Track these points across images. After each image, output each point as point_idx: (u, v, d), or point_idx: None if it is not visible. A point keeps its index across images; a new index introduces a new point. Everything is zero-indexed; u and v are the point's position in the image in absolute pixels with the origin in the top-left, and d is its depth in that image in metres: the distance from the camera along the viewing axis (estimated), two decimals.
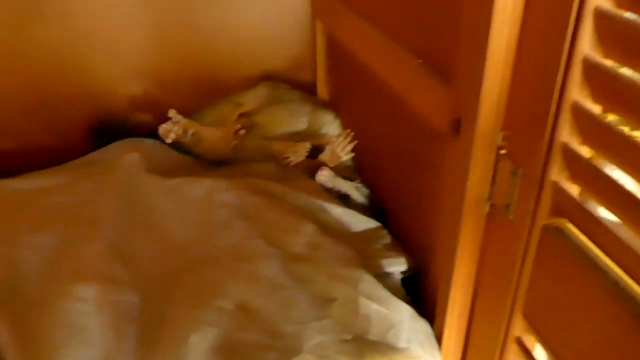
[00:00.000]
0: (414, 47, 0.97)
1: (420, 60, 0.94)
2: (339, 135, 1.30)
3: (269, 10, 1.49)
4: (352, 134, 1.27)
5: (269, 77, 1.56)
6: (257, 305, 0.89)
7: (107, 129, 1.40)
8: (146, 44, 1.45)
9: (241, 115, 1.37)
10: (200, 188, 1.13)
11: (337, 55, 1.46)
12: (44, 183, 1.27)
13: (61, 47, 1.39)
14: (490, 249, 0.83)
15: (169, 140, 1.25)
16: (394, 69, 1.01)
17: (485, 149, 0.76)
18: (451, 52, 0.82)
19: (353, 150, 1.29)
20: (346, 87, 1.45)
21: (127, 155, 1.24)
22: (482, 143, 0.75)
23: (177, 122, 1.27)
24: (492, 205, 0.80)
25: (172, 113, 1.27)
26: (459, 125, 0.79)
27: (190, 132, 1.30)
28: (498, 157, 0.76)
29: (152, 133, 1.33)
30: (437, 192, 0.93)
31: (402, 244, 1.12)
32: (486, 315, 0.87)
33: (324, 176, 1.19)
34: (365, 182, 1.29)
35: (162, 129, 1.24)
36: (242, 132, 1.30)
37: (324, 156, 1.31)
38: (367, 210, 1.23)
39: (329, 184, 1.22)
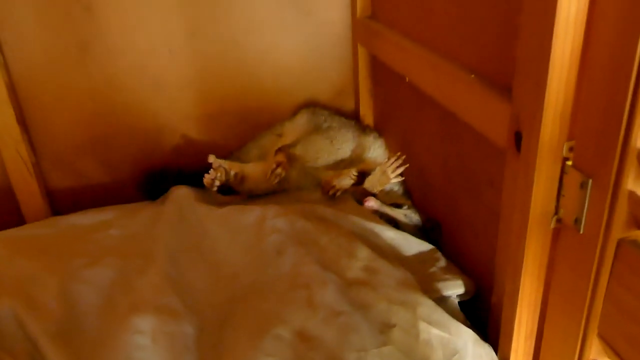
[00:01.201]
0: (466, 61, 0.94)
1: (473, 75, 0.91)
2: (389, 158, 1.26)
3: (310, 38, 1.49)
4: (404, 156, 1.24)
5: (311, 104, 1.55)
6: (316, 333, 0.85)
7: (156, 179, 1.39)
8: (191, 77, 1.46)
9: (279, 150, 1.35)
10: (250, 215, 1.12)
11: (381, 78, 1.44)
12: (98, 218, 1.28)
13: (110, 85, 1.42)
14: (559, 266, 0.78)
15: (214, 189, 1.23)
16: (445, 86, 0.98)
17: (550, 162, 0.72)
18: (508, 63, 0.78)
19: (402, 174, 1.25)
20: (391, 110, 1.42)
21: (177, 189, 1.24)
22: (546, 155, 0.71)
23: (219, 167, 1.26)
24: (559, 220, 0.75)
25: (211, 159, 1.26)
26: (520, 138, 0.75)
27: (233, 173, 1.28)
28: (564, 169, 0.72)
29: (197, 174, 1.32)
30: (497, 209, 0.89)
31: (458, 265, 1.07)
32: (557, 337, 0.81)
33: (372, 206, 1.16)
34: (416, 205, 1.25)
35: (207, 179, 1.23)
36: (279, 171, 1.27)
37: (372, 178, 1.28)
38: (420, 232, 1.18)
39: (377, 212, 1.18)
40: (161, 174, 1.38)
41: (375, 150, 1.43)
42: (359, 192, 1.29)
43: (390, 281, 0.94)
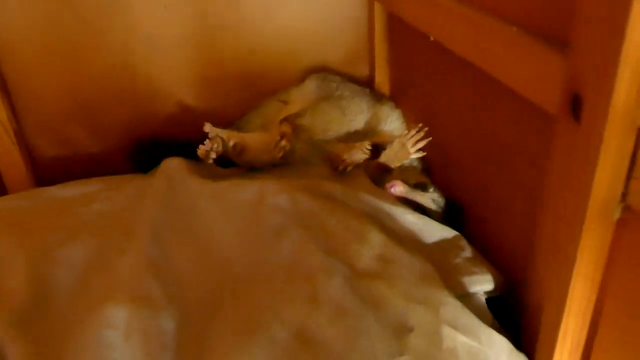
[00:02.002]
0: (505, 11, 0.77)
1: (515, 28, 0.74)
2: (410, 130, 1.09)
3: None
4: (426, 128, 1.07)
5: (321, 70, 1.38)
6: (318, 334, 0.70)
7: (146, 150, 1.23)
8: (188, 36, 1.30)
9: (284, 120, 1.18)
10: (248, 191, 0.96)
11: (399, 40, 1.27)
12: (82, 190, 1.14)
13: (98, 44, 1.26)
14: (621, 266, 0.62)
15: (210, 161, 1.08)
16: (479, 42, 0.81)
17: (621, 132, 0.55)
18: (562, 9, 0.62)
19: (423, 148, 1.08)
20: (411, 77, 1.25)
21: (169, 161, 1.09)
22: (618, 124, 0.54)
23: (215, 136, 1.10)
24: (626, 209, 0.59)
25: (207, 127, 1.10)
26: (580, 103, 0.59)
27: (231, 143, 1.12)
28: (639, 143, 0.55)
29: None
30: (538, 193, 0.73)
31: (487, 256, 0.92)
32: (611, 354, 0.66)
33: (399, 192, 1.00)
34: (437, 184, 1.09)
35: (201, 150, 1.07)
36: (284, 143, 1.11)
37: (389, 152, 1.11)
38: (442, 216, 1.02)
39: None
40: (152, 144, 1.23)
41: (392, 122, 1.27)
42: (372, 167, 1.13)
43: (408, 274, 0.78)
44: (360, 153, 1.12)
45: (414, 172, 1.12)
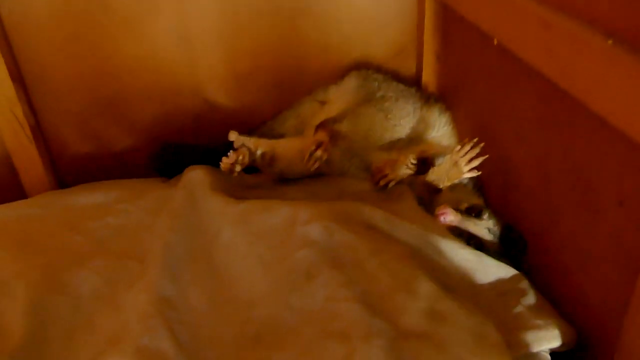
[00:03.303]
0: (599, 18, 0.61)
1: (611, 41, 0.58)
2: (462, 144, 0.94)
3: None
4: (482, 144, 0.91)
5: (362, 66, 1.22)
6: None
7: (170, 155, 1.11)
8: (218, 27, 1.16)
9: (321, 126, 1.04)
10: (276, 216, 0.83)
11: (453, 35, 1.10)
12: (98, 199, 1.04)
13: (120, 35, 1.14)
14: None
15: (235, 175, 0.95)
16: (561, 53, 0.65)
17: None
18: None
19: (478, 167, 0.93)
20: (464, 79, 1.08)
21: (191, 171, 0.97)
22: None
23: (240, 146, 0.97)
24: None
25: (233, 136, 0.98)
26: None
27: (259, 152, 0.99)
28: None
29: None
30: (627, 237, 0.58)
31: (552, 300, 0.77)
32: None
33: (451, 221, 0.85)
34: (493, 207, 0.93)
35: (224, 164, 0.95)
36: (319, 154, 0.96)
37: (439, 170, 0.96)
38: (498, 246, 0.87)
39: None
40: (176, 149, 1.11)
41: (441, 128, 1.11)
42: (419, 185, 0.98)
43: (463, 335, 0.64)
44: (404, 168, 0.98)
45: (466, 191, 0.96)
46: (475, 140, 0.92)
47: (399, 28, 1.20)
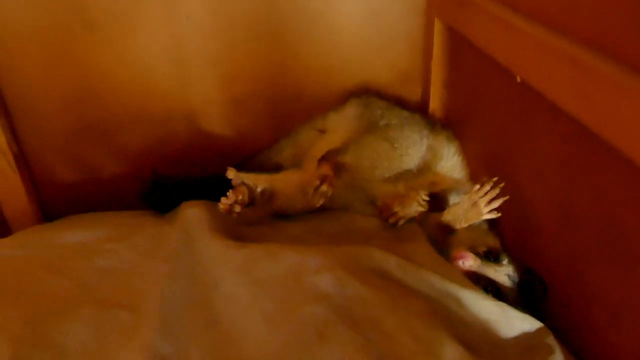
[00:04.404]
0: (633, 58, 0.55)
1: None
2: (482, 185, 0.88)
3: (371, 4, 1.09)
4: (502, 184, 0.86)
5: (363, 92, 1.16)
6: None
7: (161, 190, 1.04)
8: (214, 50, 1.09)
9: (324, 160, 0.97)
10: (281, 264, 0.76)
11: (463, 62, 1.04)
12: (86, 236, 0.96)
13: (111, 57, 1.07)
14: None
15: (235, 216, 0.89)
16: (590, 94, 0.59)
17: None
18: None
19: (498, 208, 0.87)
20: (474, 108, 1.03)
21: (187, 208, 0.90)
22: None
23: (239, 185, 0.91)
24: None
25: (231, 174, 0.92)
26: None
27: (259, 190, 0.93)
28: None
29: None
30: None
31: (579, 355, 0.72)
32: None
33: (469, 266, 0.79)
34: (510, 249, 0.88)
35: (223, 205, 0.89)
36: (324, 189, 0.91)
37: (456, 210, 0.90)
38: (516, 292, 0.82)
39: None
40: (167, 184, 1.03)
41: (450, 158, 1.05)
42: (432, 225, 0.92)
43: None
44: (415, 205, 0.92)
45: (481, 231, 0.90)
46: (495, 179, 0.87)
47: (403, 52, 1.14)
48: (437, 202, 0.94)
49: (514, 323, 0.73)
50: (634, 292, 0.63)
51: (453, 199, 0.94)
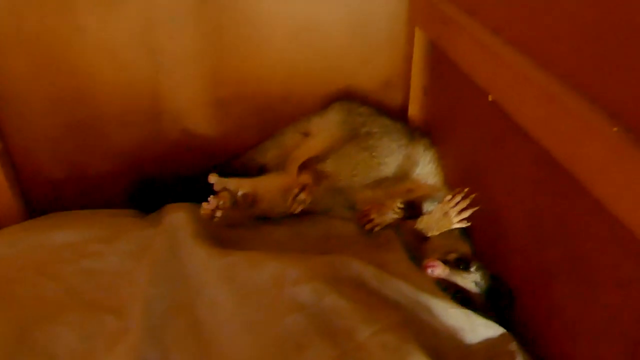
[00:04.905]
0: (607, 101, 0.59)
1: (616, 128, 0.56)
2: (453, 195, 0.92)
3: (355, 12, 1.12)
4: (473, 195, 0.90)
5: (347, 97, 1.19)
6: None
7: (147, 191, 1.06)
8: (200, 52, 1.11)
9: (304, 167, 1.01)
10: (264, 273, 0.79)
11: (442, 71, 1.07)
12: (72, 236, 0.98)
13: (98, 59, 1.08)
14: None
15: (216, 221, 0.92)
16: (560, 130, 0.63)
17: None
18: None
19: (468, 218, 0.91)
20: (453, 117, 1.06)
21: (172, 212, 0.93)
22: None
23: (222, 190, 0.94)
24: None
25: (213, 179, 0.94)
26: None
27: (241, 194, 0.96)
28: None
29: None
30: (626, 320, 0.57)
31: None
32: None
33: (439, 274, 0.84)
34: (480, 255, 0.92)
35: (205, 210, 0.92)
36: (303, 197, 0.94)
37: (429, 220, 0.94)
38: (483, 298, 0.86)
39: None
40: (153, 185, 1.06)
41: (425, 165, 1.08)
42: (406, 231, 0.96)
43: None
44: (391, 213, 0.96)
45: (454, 239, 0.94)
46: (466, 190, 0.91)
47: (385, 60, 1.17)
48: (413, 209, 0.98)
49: (479, 330, 0.78)
50: (590, 309, 0.67)
51: (427, 207, 0.98)
